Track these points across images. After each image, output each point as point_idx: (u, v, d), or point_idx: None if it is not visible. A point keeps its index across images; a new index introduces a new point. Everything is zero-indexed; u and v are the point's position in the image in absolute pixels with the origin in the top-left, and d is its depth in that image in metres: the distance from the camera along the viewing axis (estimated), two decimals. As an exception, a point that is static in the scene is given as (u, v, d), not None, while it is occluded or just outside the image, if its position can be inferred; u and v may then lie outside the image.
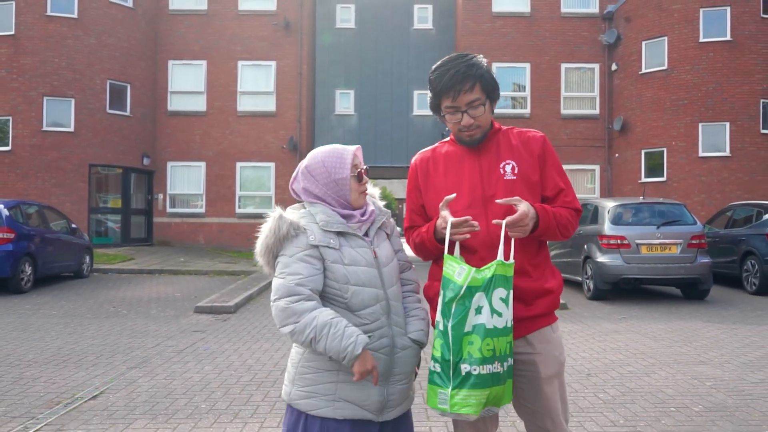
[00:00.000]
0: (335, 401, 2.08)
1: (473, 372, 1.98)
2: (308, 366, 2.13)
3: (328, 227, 2.12)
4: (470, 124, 2.27)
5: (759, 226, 11.65)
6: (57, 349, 6.73)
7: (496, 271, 2.07)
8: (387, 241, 2.27)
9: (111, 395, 4.99)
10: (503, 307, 2.06)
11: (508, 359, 2.08)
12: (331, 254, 2.10)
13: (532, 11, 20.75)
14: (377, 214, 2.27)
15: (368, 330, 2.09)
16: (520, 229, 2.14)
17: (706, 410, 4.58)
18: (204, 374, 5.67)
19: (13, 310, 9.41)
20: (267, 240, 2.10)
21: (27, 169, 18.02)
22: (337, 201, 2.18)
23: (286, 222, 2.10)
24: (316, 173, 2.18)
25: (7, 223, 11.02)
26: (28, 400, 4.84)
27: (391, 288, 2.18)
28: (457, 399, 1.99)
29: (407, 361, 2.18)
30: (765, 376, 5.58)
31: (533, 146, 2.34)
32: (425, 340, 2.22)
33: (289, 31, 20.97)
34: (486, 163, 2.32)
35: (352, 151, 2.20)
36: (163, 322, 8.53)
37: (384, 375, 2.12)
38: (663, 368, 5.86)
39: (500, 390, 2.07)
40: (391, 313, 2.16)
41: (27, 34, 18.17)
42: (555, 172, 2.35)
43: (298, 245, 2.09)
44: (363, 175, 2.21)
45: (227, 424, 4.30)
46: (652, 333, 7.68)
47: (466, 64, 2.25)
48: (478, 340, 2.00)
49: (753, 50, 17.99)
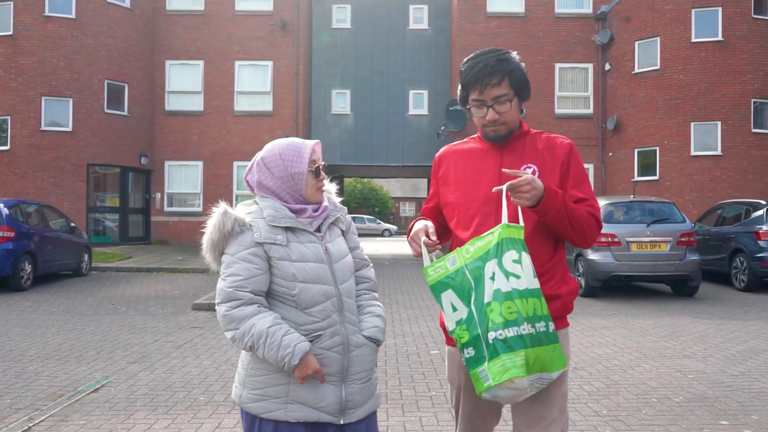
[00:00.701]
0: (288, 404, 2.02)
1: (499, 337, 1.93)
2: (258, 368, 2.06)
3: (275, 222, 2.06)
4: (495, 120, 2.23)
5: (747, 224, 11.85)
6: (58, 344, 6.88)
7: (502, 234, 2.03)
8: (341, 238, 2.21)
9: (112, 388, 5.15)
10: (518, 269, 2.00)
11: (541, 321, 1.99)
12: (278, 251, 2.03)
13: (526, 12, 20.94)
14: (331, 210, 2.21)
15: (319, 328, 2.04)
16: (522, 195, 2.07)
17: (686, 401, 4.77)
18: (202, 368, 5.84)
19: (13, 307, 9.56)
20: (212, 236, 2.04)
21: (25, 168, 18.16)
22: (291, 195, 2.12)
23: (230, 218, 2.03)
24: (272, 166, 2.11)
25: (7, 222, 11.17)
26: (31, 393, 5.01)
27: (343, 284, 2.12)
28: (496, 368, 1.93)
29: (363, 359, 2.11)
30: (745, 369, 5.77)
31: (558, 152, 2.28)
32: (380, 337, 2.16)
33: (285, 32, 21.13)
34: (508, 163, 2.26)
35: (310, 146, 2.14)
36: (162, 318, 8.70)
37: (340, 374, 2.06)
38: (648, 362, 6.05)
39: (542, 352, 1.97)
40: (344, 310, 2.10)
41: (25, 35, 18.31)
42: (575, 181, 2.27)
43: (241, 243, 2.03)
44: (321, 171, 2.15)
45: (225, 415, 4.47)
46: (640, 328, 7.86)
47: (497, 58, 2.21)
48: (497, 306, 1.96)
49: (744, 50, 18.21)
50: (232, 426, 4.22)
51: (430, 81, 22.66)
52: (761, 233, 11.30)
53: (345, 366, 2.07)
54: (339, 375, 2.06)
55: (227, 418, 4.38)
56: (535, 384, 1.99)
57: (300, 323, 2.03)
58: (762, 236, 11.29)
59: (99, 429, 4.16)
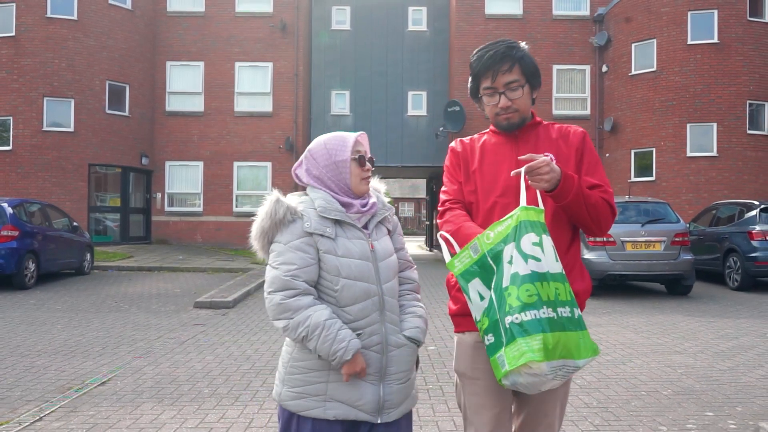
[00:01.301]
0: (326, 401, 2.02)
1: (515, 321, 1.88)
2: (297, 366, 2.07)
3: (325, 213, 2.06)
4: (507, 106, 2.23)
5: (741, 224, 12.02)
6: (64, 341, 7.04)
7: (520, 217, 2.00)
8: (387, 237, 2.20)
9: (119, 381, 5.31)
10: (538, 251, 1.95)
11: (565, 307, 1.93)
12: (325, 243, 2.04)
13: (524, 13, 21.11)
14: (379, 208, 2.21)
15: (357, 327, 2.03)
16: (540, 177, 2.05)
17: (674, 394, 4.93)
18: (205, 363, 6.00)
19: (18, 305, 9.72)
20: (263, 223, 2.05)
21: (28, 168, 18.30)
22: (336, 185, 2.13)
23: (283, 206, 2.05)
24: (318, 155, 2.15)
25: (11, 221, 11.33)
26: (41, 386, 5.17)
27: (387, 283, 2.11)
28: (513, 352, 1.87)
29: (403, 359, 2.11)
30: (733, 364, 5.94)
31: (572, 140, 2.30)
32: (421, 338, 2.15)
33: (285, 33, 21.29)
34: (523, 153, 2.22)
35: (355, 136, 2.16)
36: (165, 316, 8.85)
37: (378, 374, 2.06)
38: (639, 357, 6.22)
39: (565, 338, 1.89)
40: (385, 310, 2.09)
41: (27, 36, 18.46)
42: (589, 168, 2.27)
43: (293, 231, 2.04)
44: (366, 160, 2.16)
45: (229, 406, 4.63)
46: (633, 326, 8.03)
47: (506, 46, 2.24)
48: (514, 289, 1.91)
49: (740, 52, 18.39)
50: (235, 416, 4.38)
51: (429, 82, 22.82)
52: (754, 233, 11.48)
53: (383, 365, 2.06)
54: (377, 374, 2.06)
55: (231, 410, 4.54)
56: (559, 372, 1.90)
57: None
58: (755, 236, 11.46)
59: (107, 419, 4.32)
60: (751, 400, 4.76)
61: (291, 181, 20.97)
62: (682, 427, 4.14)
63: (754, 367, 5.82)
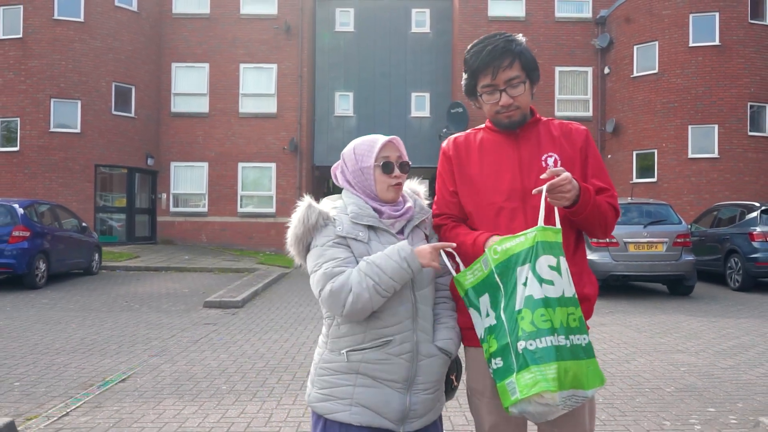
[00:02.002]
0: (352, 406, 1.99)
1: (529, 347, 1.80)
2: (326, 367, 2.06)
3: (357, 219, 2.04)
4: (509, 104, 2.13)
5: (742, 225, 12.18)
6: (80, 339, 7.21)
7: (537, 237, 1.90)
8: (424, 242, 2.14)
9: (138, 378, 5.48)
10: (555, 276, 1.87)
11: (576, 335, 1.86)
12: (358, 247, 2.02)
13: (527, 16, 21.28)
14: (416, 212, 2.15)
15: (389, 333, 2.00)
16: (562, 195, 1.97)
17: (677, 391, 5.10)
18: (220, 361, 6.16)
19: (31, 304, 9.89)
20: (296, 230, 2.04)
21: (35, 169, 18.48)
22: (363, 191, 2.10)
23: (315, 211, 2.04)
24: (347, 160, 2.13)
25: (22, 222, 11.50)
26: (63, 382, 5.33)
27: (421, 291, 2.06)
28: (525, 381, 1.80)
29: (432, 369, 2.05)
30: (735, 362, 6.10)
31: (576, 139, 2.20)
32: (453, 349, 2.10)
33: (289, 35, 21.45)
34: (526, 153, 2.16)
35: (382, 141, 2.09)
36: (176, 315, 9.02)
37: (406, 382, 2.01)
38: (642, 356, 6.38)
39: (576, 367, 1.82)
40: (418, 317, 2.04)
41: (34, 38, 18.63)
42: (595, 170, 2.20)
43: (326, 235, 2.03)
44: (394, 167, 2.08)
45: (247, 402, 4.80)
46: (636, 325, 8.19)
47: (505, 40, 2.13)
48: (528, 313, 1.83)
49: (741, 55, 18.54)
50: (255, 412, 4.55)
51: (432, 83, 22.99)
52: (755, 234, 11.64)
53: (412, 374, 2.02)
54: (405, 382, 2.01)
55: (250, 405, 4.71)
56: (568, 401, 1.83)
57: (371, 327, 2.00)
58: (756, 237, 11.62)
59: (132, 414, 4.48)
60: (752, 396, 4.92)
61: (295, 181, 21.17)
62: (685, 422, 4.30)
63: (755, 365, 5.98)
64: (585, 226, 2.15)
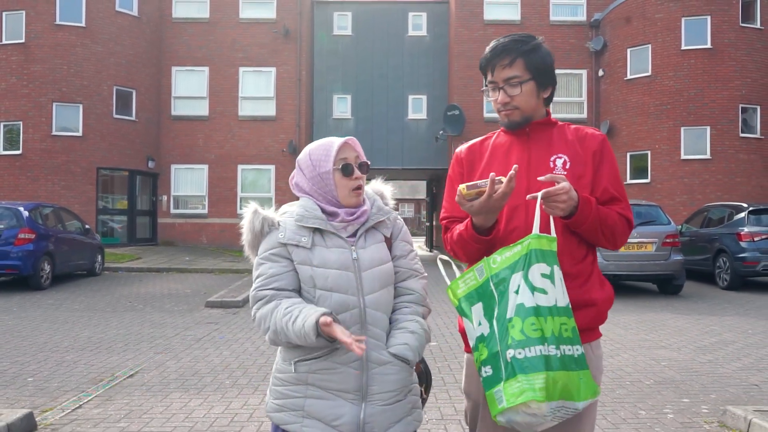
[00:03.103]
0: (304, 418, 1.92)
1: (518, 356, 1.77)
2: (279, 378, 2.00)
3: (302, 222, 1.97)
4: (506, 102, 2.10)
5: (731, 226, 12.48)
6: (87, 338, 7.49)
7: (531, 245, 1.87)
8: (381, 244, 2.04)
9: (145, 374, 5.77)
10: (547, 284, 1.83)
11: (569, 345, 1.81)
12: (299, 254, 1.95)
13: (522, 19, 21.57)
14: (372, 214, 2.05)
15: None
16: (556, 205, 1.93)
17: (655, 383, 5.39)
18: (223, 358, 6.45)
19: (37, 305, 10.16)
20: (246, 237, 2.03)
21: (37, 172, 18.77)
22: (324, 198, 2.02)
23: (259, 217, 2.00)
24: (304, 167, 2.05)
25: (28, 224, 11.78)
26: (74, 378, 5.62)
27: (370, 295, 1.95)
28: (512, 390, 1.76)
29: (388, 378, 1.94)
30: (713, 357, 6.40)
31: (590, 143, 2.12)
32: (410, 355, 1.95)
33: (288, 38, 21.75)
34: (535, 154, 2.12)
35: (339, 143, 2.01)
36: (178, 315, 9.30)
37: (358, 392, 1.92)
38: (626, 352, 6.67)
39: (567, 378, 1.78)
40: (367, 323, 1.94)
41: (37, 43, 18.92)
42: (610, 178, 2.11)
43: (268, 242, 1.99)
44: (354, 169, 2.01)
45: (250, 395, 5.08)
46: (624, 323, 8.49)
47: (512, 39, 2.11)
48: (519, 321, 1.80)
49: (732, 57, 18.85)
50: (257, 404, 4.83)
51: (429, 86, 23.28)
52: (742, 235, 11.94)
53: (364, 384, 1.92)
54: (357, 393, 1.92)
55: (252, 398, 4.99)
56: (557, 413, 1.79)
57: None
58: (743, 237, 11.92)
59: (141, 407, 4.77)
60: (725, 388, 5.22)
61: (294, 183, 21.45)
62: (659, 411, 4.59)
63: (732, 360, 6.28)
64: (587, 237, 2.06)
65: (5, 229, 11.65)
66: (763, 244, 11.76)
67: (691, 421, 4.40)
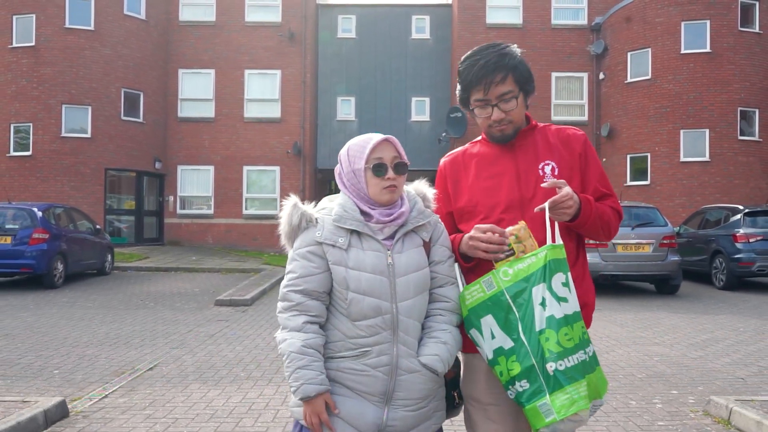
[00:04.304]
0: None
1: (560, 368, 1.81)
2: None
3: (340, 222, 1.98)
4: (501, 119, 2.11)
5: (727, 227, 12.77)
6: (105, 334, 7.81)
7: (549, 256, 1.91)
8: (419, 249, 2.02)
9: (164, 367, 6.08)
10: (566, 292, 1.90)
11: (588, 347, 1.91)
12: (335, 254, 1.95)
13: (524, 23, 21.89)
14: (411, 217, 2.03)
15: (365, 344, 1.94)
16: (563, 211, 1.98)
17: (647, 377, 5.70)
18: (236, 353, 6.77)
19: (52, 303, 10.49)
20: (284, 228, 2.05)
21: (47, 172, 19.12)
22: (357, 194, 2.02)
23: (298, 212, 2.02)
24: (343, 161, 2.06)
25: (41, 224, 12.11)
26: (97, 371, 5.94)
27: (404, 302, 1.95)
28: (561, 402, 1.81)
29: (414, 386, 1.96)
30: (704, 353, 6.70)
31: (574, 145, 2.16)
32: (440, 367, 1.98)
33: (293, 42, 22.08)
34: (523, 163, 2.14)
35: (375, 141, 2.00)
36: (190, 312, 9.62)
37: (383, 395, 1.95)
38: (621, 348, 6.98)
39: (594, 378, 1.90)
40: (399, 330, 1.95)
41: (47, 46, 19.28)
42: (597, 175, 2.19)
43: (304, 239, 2.00)
44: (387, 169, 1.99)
45: (264, 386, 5.40)
46: (621, 321, 8.79)
47: (498, 54, 2.10)
48: (553, 334, 1.84)
49: (731, 61, 19.14)
50: (272, 394, 5.15)
51: (432, 88, 23.59)
52: (738, 236, 12.23)
53: (390, 389, 1.95)
54: (382, 396, 1.95)
55: (267, 388, 5.31)
56: (591, 412, 1.89)
57: (349, 335, 1.95)
58: (739, 239, 12.21)
59: (164, 396, 5.09)
60: (713, 381, 5.53)
61: (298, 184, 21.79)
62: (649, 402, 4.90)
63: (722, 355, 6.58)
64: (587, 234, 2.16)
65: (20, 229, 11.98)
66: (759, 245, 12.05)
67: (677, 410, 4.71)
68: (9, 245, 11.79)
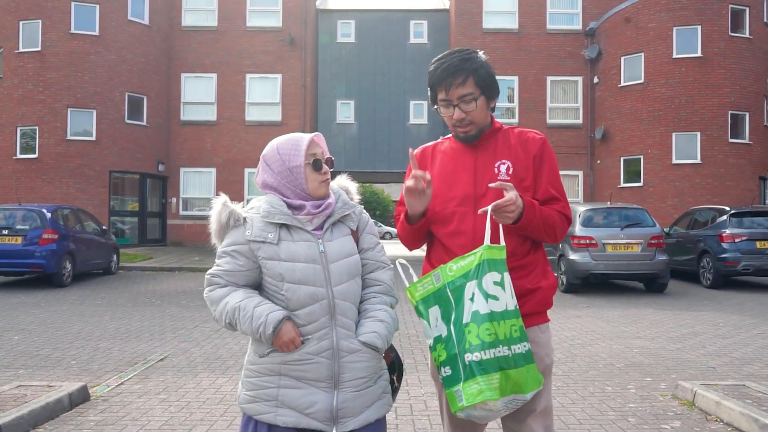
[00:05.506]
0: (278, 407, 2.00)
1: (475, 359, 1.95)
2: (251, 369, 2.07)
3: (268, 218, 2.04)
4: (461, 119, 2.24)
5: (714, 228, 13.18)
6: (115, 329, 8.22)
7: (484, 255, 2.04)
8: (347, 237, 2.12)
9: (174, 359, 6.49)
10: (498, 291, 2.02)
11: (519, 343, 2.02)
12: (266, 250, 2.02)
13: (519, 28, 22.33)
14: (337, 207, 2.14)
15: (306, 332, 2.00)
16: (506, 215, 2.10)
17: (624, 366, 6.11)
18: (241, 345, 7.17)
19: (62, 300, 10.89)
20: (213, 226, 2.11)
21: (53, 175, 19.54)
22: (292, 191, 2.09)
23: (227, 210, 2.08)
24: (271, 162, 2.11)
25: (51, 225, 12.52)
26: (111, 361, 6.35)
27: (339, 286, 2.04)
28: (471, 390, 1.96)
29: (358, 365, 2.03)
30: (682, 346, 7.11)
31: (531, 147, 2.28)
32: (379, 342, 2.06)
33: (293, 46, 22.52)
34: (481, 161, 2.27)
35: (308, 139, 2.10)
36: (195, 309, 10.02)
37: (330, 380, 2.01)
38: (605, 341, 7.39)
39: (517, 374, 2.00)
40: (336, 314, 2.02)
41: (52, 51, 19.71)
42: (550, 178, 2.29)
43: (232, 237, 2.07)
44: (322, 163, 2.10)
45: (268, 374, 5.80)
46: (607, 317, 9.20)
47: (460, 58, 2.23)
48: (475, 327, 1.97)
49: (722, 66, 19.58)
50: (275, 381, 5.55)
51: (430, 92, 23.96)
52: (724, 236, 12.64)
53: (335, 372, 2.01)
54: (329, 381, 2.01)
55: (271, 377, 5.71)
56: (509, 405, 2.01)
57: None
58: (725, 239, 12.61)
59: (176, 383, 5.50)
60: (686, 370, 5.94)
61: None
62: (623, 387, 5.32)
63: (698, 348, 6.99)
64: (531, 236, 2.26)
65: (30, 229, 12.39)
66: (744, 245, 12.46)
67: (649, 394, 5.12)
68: (20, 245, 12.20)
